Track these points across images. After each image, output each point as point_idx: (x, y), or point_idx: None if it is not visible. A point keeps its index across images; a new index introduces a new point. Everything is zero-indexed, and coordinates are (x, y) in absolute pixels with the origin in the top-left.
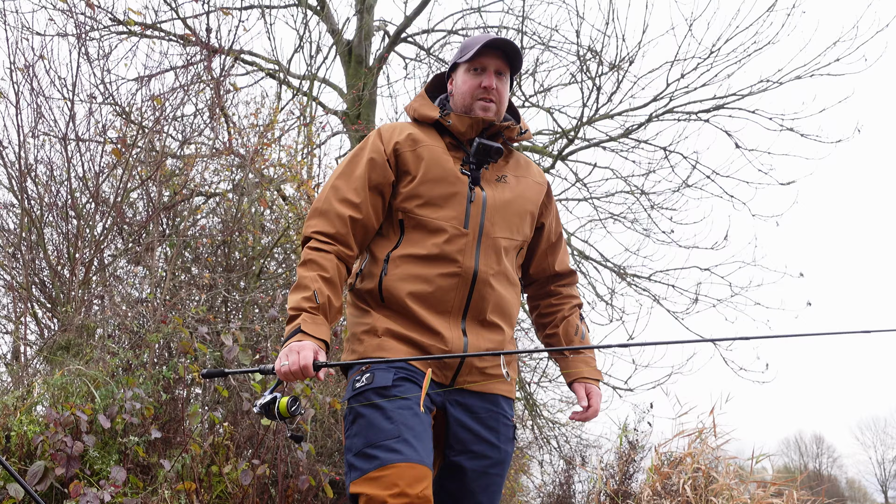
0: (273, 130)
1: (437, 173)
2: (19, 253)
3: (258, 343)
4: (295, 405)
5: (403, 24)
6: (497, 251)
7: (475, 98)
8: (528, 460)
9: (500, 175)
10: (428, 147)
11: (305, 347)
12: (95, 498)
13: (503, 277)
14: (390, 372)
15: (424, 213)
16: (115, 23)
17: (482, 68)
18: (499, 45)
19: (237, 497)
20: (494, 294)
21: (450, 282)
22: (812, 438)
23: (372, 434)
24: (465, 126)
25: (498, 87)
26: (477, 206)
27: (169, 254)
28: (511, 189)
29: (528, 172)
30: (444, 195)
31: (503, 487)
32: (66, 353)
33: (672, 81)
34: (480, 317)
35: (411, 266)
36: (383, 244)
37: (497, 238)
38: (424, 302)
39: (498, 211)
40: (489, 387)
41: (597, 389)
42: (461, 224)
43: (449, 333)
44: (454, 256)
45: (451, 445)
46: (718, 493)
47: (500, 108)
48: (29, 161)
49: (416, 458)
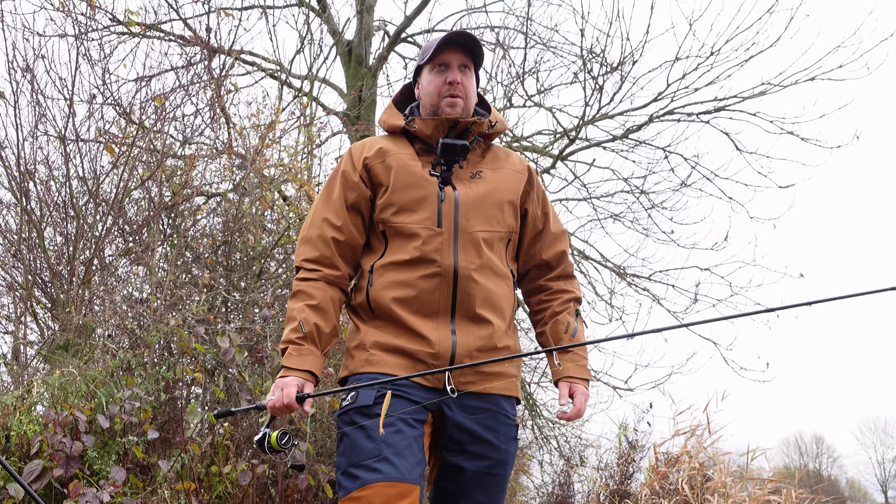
0: (274, 131)
1: (407, 179)
2: (20, 253)
3: (258, 343)
4: (285, 438)
5: (403, 24)
6: (476, 245)
7: (442, 96)
8: (528, 460)
9: (475, 171)
10: (395, 156)
11: (288, 384)
12: (95, 498)
13: (488, 270)
14: (373, 390)
15: (400, 220)
16: (115, 23)
17: (445, 65)
18: (457, 39)
19: (237, 497)
20: (479, 288)
21: (431, 282)
22: (812, 438)
23: (354, 454)
24: (430, 129)
25: (463, 82)
26: (449, 204)
27: (169, 254)
28: (487, 183)
29: (506, 163)
30: (416, 199)
31: (507, 486)
32: (65, 353)
33: (673, 81)
34: (469, 313)
35: (393, 273)
36: (370, 256)
37: (474, 232)
38: (410, 306)
39: (472, 206)
40: (491, 386)
41: (583, 389)
42: (434, 224)
43: (436, 335)
44: (432, 256)
45: (448, 447)
46: (716, 491)
47: (467, 103)
48: (29, 161)
49: (396, 475)
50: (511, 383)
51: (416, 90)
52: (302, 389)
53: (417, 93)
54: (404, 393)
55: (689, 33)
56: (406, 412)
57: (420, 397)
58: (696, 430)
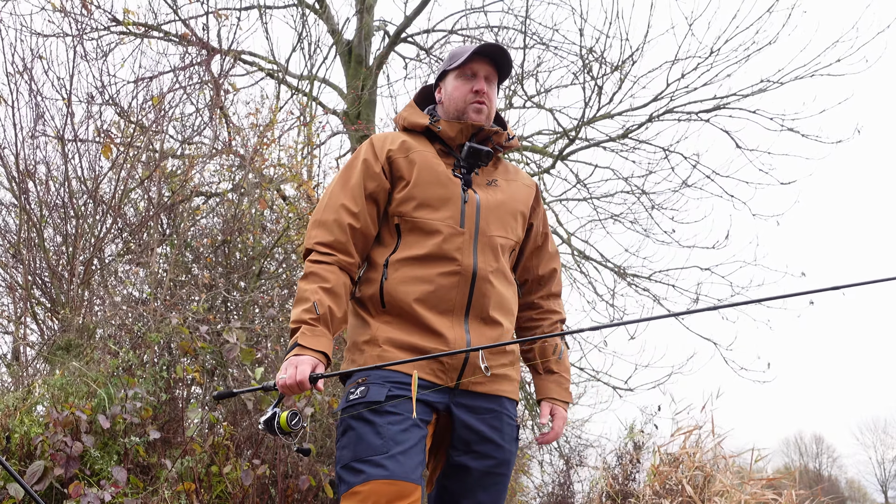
0: (273, 130)
1: (431, 176)
2: (20, 253)
3: (258, 343)
4: (295, 419)
5: (403, 24)
6: (494, 249)
7: (468, 102)
8: (528, 460)
9: (491, 179)
10: (419, 152)
11: (303, 362)
12: (96, 498)
13: (501, 275)
14: (385, 387)
15: (420, 215)
16: (114, 23)
17: (473, 73)
18: (488, 51)
19: (237, 497)
20: (495, 291)
21: (450, 280)
22: (812, 438)
23: (360, 448)
24: (454, 131)
25: (488, 93)
26: (472, 206)
27: (169, 254)
28: (502, 191)
29: (516, 177)
30: (439, 197)
31: (507, 487)
32: (66, 353)
33: (672, 81)
34: (483, 314)
35: (411, 268)
36: (381, 250)
37: (493, 236)
38: (426, 303)
39: (492, 211)
40: (493, 387)
41: (562, 412)
42: (457, 223)
43: (451, 333)
44: (453, 255)
45: (455, 446)
46: (717, 491)
47: (490, 113)
48: (28, 161)
49: (401, 474)
50: (515, 387)
51: (437, 93)
52: (315, 370)
53: (439, 96)
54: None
55: (689, 33)
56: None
57: (430, 397)
58: (696, 430)
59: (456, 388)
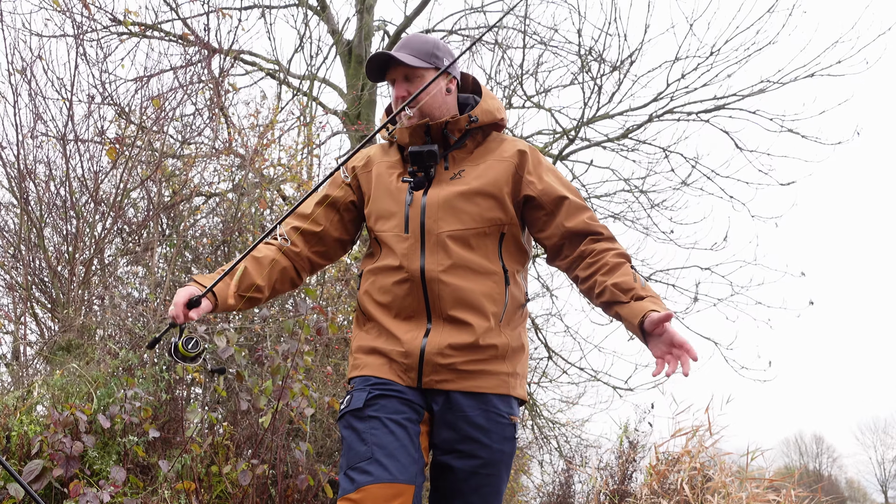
0: (273, 130)
1: (382, 188)
2: (20, 253)
3: (258, 343)
4: (191, 342)
5: (403, 24)
6: (444, 246)
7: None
8: (528, 460)
9: (457, 171)
10: (377, 165)
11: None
12: (95, 498)
13: (461, 269)
14: (365, 391)
15: (378, 228)
16: (114, 23)
17: (391, 82)
18: (376, 60)
19: (237, 497)
20: (449, 289)
21: (402, 287)
22: (812, 438)
23: (350, 456)
24: (406, 137)
25: (409, 91)
26: (415, 208)
27: (168, 254)
28: (465, 181)
29: (494, 155)
30: (387, 207)
31: (504, 488)
32: (66, 353)
33: (672, 81)
34: (443, 315)
35: (374, 278)
36: (367, 262)
37: (441, 233)
38: (389, 310)
39: (441, 207)
40: (470, 384)
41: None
42: (402, 230)
43: (407, 336)
44: (401, 262)
45: (437, 445)
46: (716, 490)
47: (432, 107)
48: (28, 161)
49: (388, 477)
50: (502, 381)
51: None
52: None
53: None
54: (397, 393)
55: (689, 33)
56: (398, 412)
57: (413, 396)
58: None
59: (420, 388)
